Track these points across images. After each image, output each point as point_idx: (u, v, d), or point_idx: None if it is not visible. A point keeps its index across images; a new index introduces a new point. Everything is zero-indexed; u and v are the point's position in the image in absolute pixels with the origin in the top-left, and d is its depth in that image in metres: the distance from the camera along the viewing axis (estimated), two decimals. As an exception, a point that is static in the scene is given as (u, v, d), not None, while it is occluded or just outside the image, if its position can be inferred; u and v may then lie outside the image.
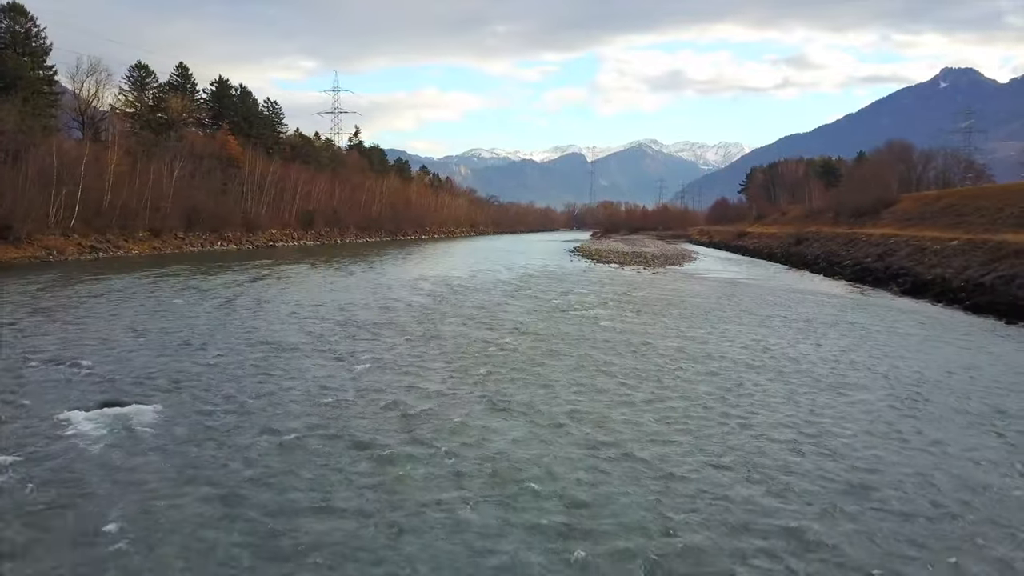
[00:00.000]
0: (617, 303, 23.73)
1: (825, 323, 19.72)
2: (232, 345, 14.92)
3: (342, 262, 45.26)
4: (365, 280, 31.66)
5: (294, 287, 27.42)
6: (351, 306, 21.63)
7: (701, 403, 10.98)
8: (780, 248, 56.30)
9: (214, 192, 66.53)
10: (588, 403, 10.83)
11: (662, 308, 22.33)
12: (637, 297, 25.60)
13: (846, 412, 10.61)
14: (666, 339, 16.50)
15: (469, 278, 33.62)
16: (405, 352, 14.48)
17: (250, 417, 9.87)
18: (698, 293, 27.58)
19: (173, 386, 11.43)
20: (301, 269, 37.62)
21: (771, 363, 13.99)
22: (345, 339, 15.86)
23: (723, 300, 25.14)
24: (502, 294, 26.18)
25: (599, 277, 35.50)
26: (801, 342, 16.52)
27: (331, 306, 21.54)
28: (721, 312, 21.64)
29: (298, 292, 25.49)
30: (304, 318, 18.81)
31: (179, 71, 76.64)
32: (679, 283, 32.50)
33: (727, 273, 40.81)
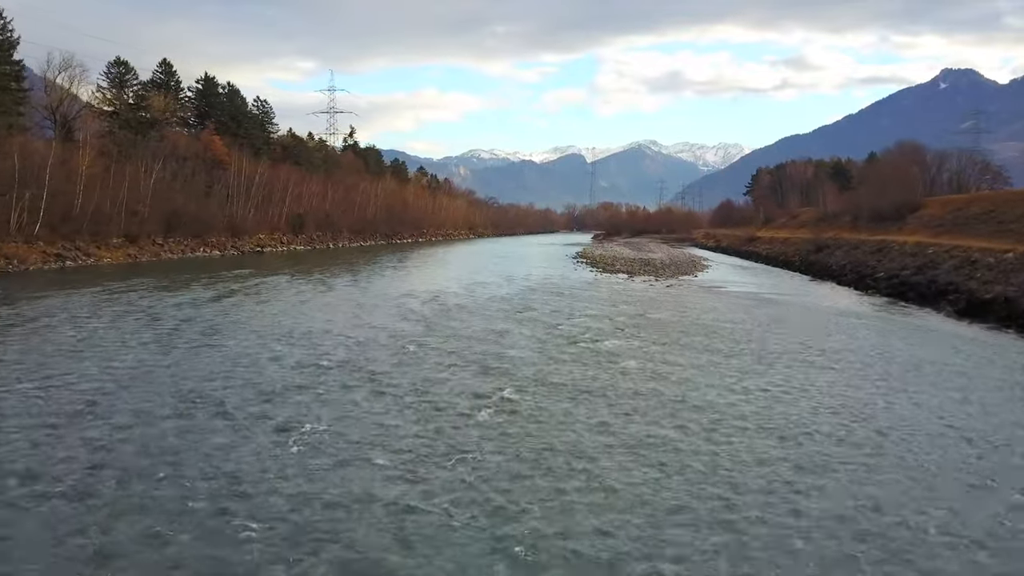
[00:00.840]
0: (635, 329, 20.20)
1: (904, 363, 16.09)
2: (144, 409, 11.34)
3: (326, 272, 41.73)
4: (346, 298, 28.12)
5: (260, 309, 23.88)
6: (318, 338, 18.09)
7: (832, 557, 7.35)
8: (798, 256, 52.78)
9: (197, 195, 63.04)
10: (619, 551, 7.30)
11: (691, 338, 18.78)
12: (657, 321, 22.07)
13: None
14: (711, 391, 12.95)
15: (465, 294, 30.10)
16: (368, 421, 10.92)
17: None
18: (727, 314, 24.04)
19: (27, 495, 7.90)
20: (278, 282, 34.09)
21: (891, 448, 10.00)
22: (294, 396, 12.29)
23: (762, 326, 21.59)
24: (501, 317, 22.66)
25: (608, 292, 31.97)
26: (897, 398, 12.88)
27: (294, 338, 18.00)
28: (767, 344, 18.07)
29: (262, 317, 21.95)
30: (254, 359, 15.25)
31: (163, 68, 73.07)
32: (700, 299, 28.96)
33: (747, 285, 37.28)
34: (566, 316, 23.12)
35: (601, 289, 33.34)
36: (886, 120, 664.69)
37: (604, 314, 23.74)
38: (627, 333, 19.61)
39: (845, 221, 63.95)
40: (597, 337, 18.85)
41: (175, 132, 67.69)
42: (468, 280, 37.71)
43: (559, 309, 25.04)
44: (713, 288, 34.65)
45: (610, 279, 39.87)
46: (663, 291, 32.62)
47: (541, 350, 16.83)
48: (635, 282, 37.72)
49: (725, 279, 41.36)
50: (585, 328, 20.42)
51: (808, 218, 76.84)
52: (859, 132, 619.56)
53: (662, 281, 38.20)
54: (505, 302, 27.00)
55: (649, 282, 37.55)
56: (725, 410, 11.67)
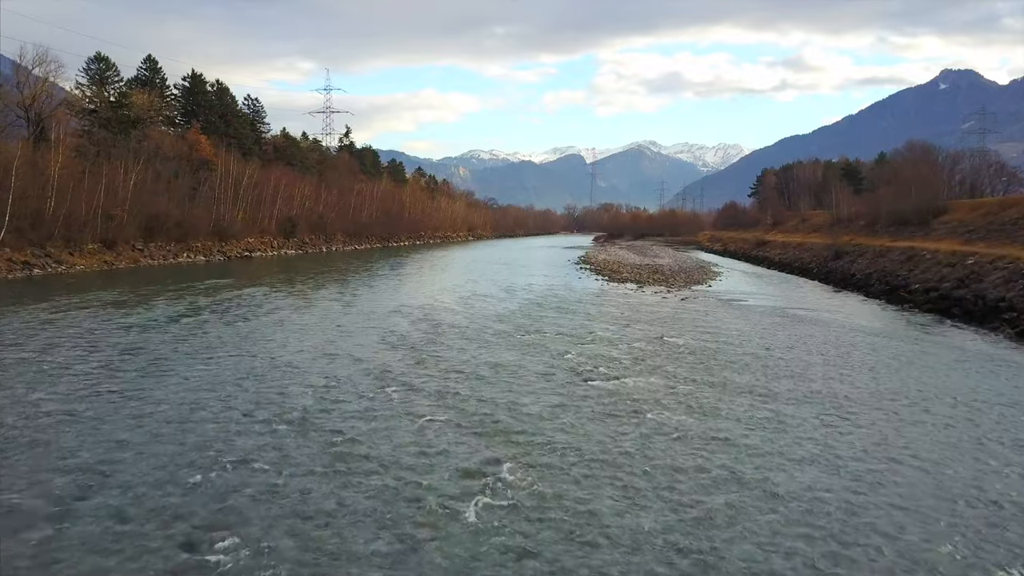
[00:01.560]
0: (657, 360, 17.20)
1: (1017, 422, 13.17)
2: (35, 479, 8.32)
3: (312, 282, 38.70)
4: (326, 316, 25.08)
5: (222, 335, 20.85)
6: (281, 379, 15.07)
7: None
8: (815, 262, 49.76)
9: (181, 197, 59.97)
10: None
11: (727, 374, 15.76)
12: (680, 348, 19.04)
13: None
14: (788, 467, 9.90)
15: (461, 310, 27.09)
16: (315, 533, 7.89)
17: None
18: (759, 338, 21.01)
19: None
20: (255, 296, 31.04)
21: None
22: (218, 485, 9.25)
23: (807, 354, 18.55)
24: (502, 343, 19.64)
25: (619, 306, 28.95)
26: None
27: (250, 380, 14.98)
28: (828, 385, 15.03)
29: (221, 346, 18.91)
30: (185, 419, 12.15)
31: (147, 65, 70.12)
32: (721, 316, 25.94)
33: (768, 297, 34.24)
34: (575, 340, 20.09)
35: (610, 302, 30.32)
36: (886, 121, 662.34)
37: (617, 337, 20.71)
38: (648, 366, 16.59)
39: (861, 225, 60.96)
40: (614, 372, 15.83)
41: (159, 131, 64.63)
42: (465, 291, 34.69)
43: (566, 330, 22.02)
44: (732, 301, 31.62)
45: (618, 289, 36.86)
46: (678, 305, 29.59)
47: (548, 394, 13.81)
48: (646, 293, 34.70)
49: (741, 289, 38.34)
50: (598, 359, 17.40)
51: (820, 221, 73.85)
52: (859, 133, 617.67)
53: (675, 292, 35.17)
54: (505, 321, 23.97)
55: (661, 293, 34.53)
56: (816, 505, 8.61)
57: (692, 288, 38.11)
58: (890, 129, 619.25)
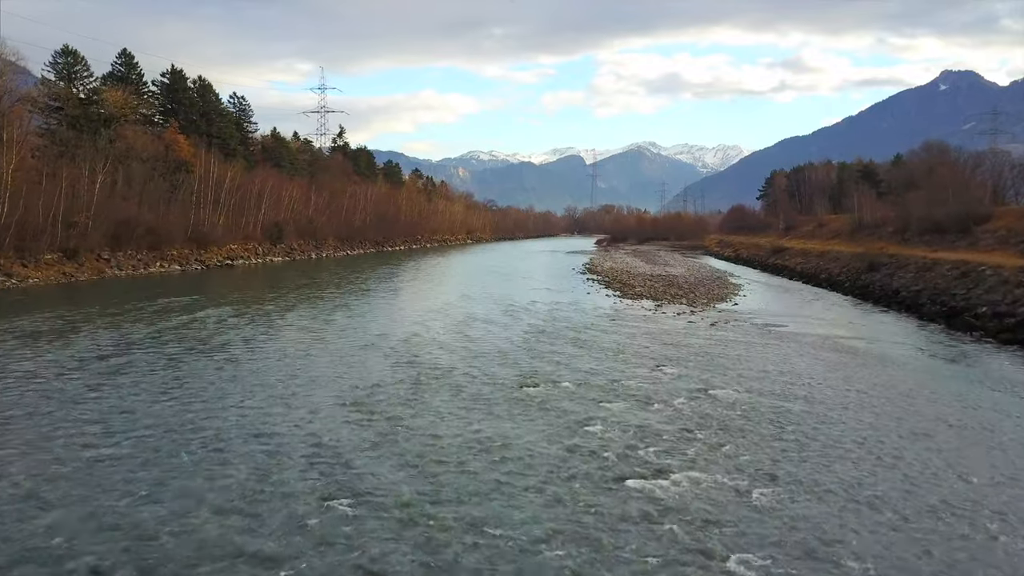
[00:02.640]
0: (712, 432, 12.77)
1: None
2: None
3: (285, 300, 34.22)
4: (283, 355, 20.61)
5: (137, 386, 16.41)
6: (177, 487, 10.63)
7: None
8: (846, 274, 45.30)
9: (154, 202, 55.54)
10: None
11: (823, 466, 11.30)
12: (738, 410, 14.59)
13: None
14: None
15: (451, 341, 22.65)
16: None
17: None
18: (834, 391, 16.57)
19: None
20: (210, 321, 26.58)
21: None
22: None
23: (926, 431, 14.12)
24: (500, 397, 15.22)
25: (640, 335, 24.50)
26: None
27: (155, 461, 10.55)
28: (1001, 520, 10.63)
29: (142, 407, 14.48)
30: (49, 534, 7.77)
31: (122, 59, 65.67)
32: (770, 355, 21.47)
33: (809, 321, 29.70)
34: (595, 396, 15.66)
35: (629, 329, 25.86)
36: (887, 122, 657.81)
37: (650, 389, 16.27)
38: (703, 446, 12.14)
39: (888, 232, 56.54)
40: (657, 460, 11.40)
41: (134, 131, 60.14)
42: (459, 313, 30.25)
43: (582, 376, 17.58)
44: (770, 328, 27.16)
45: (634, 308, 32.41)
46: (709, 334, 25.14)
47: (567, 511, 9.36)
48: (667, 314, 30.24)
49: (773, 309, 33.89)
50: (631, 432, 12.95)
51: (839, 227, 69.40)
52: (860, 134, 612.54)
53: (699, 314, 30.71)
54: (506, 361, 19.52)
55: (684, 315, 30.07)
56: None
57: (717, 307, 33.67)
58: (891, 130, 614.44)
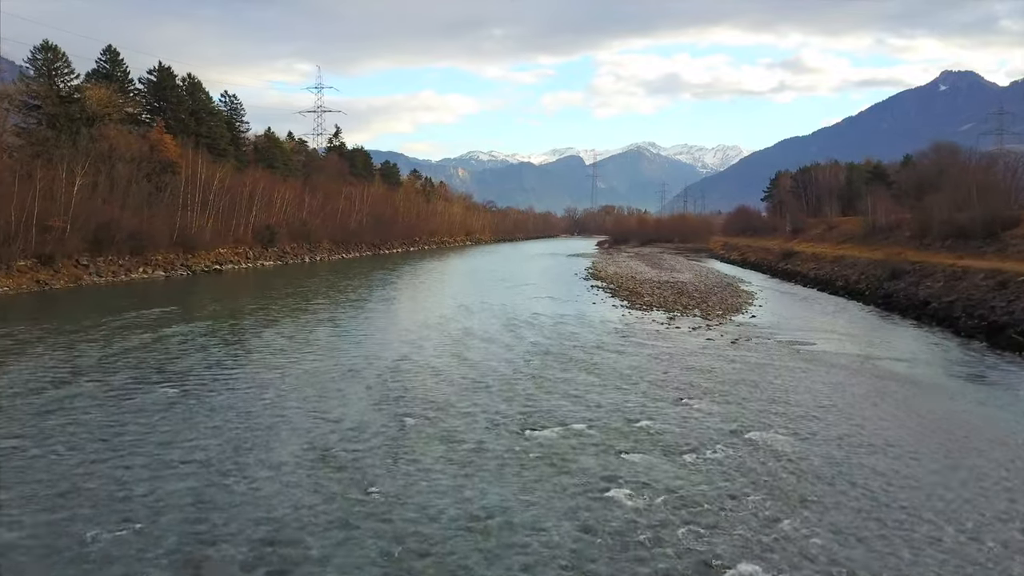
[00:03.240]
0: (755, 492, 10.31)
1: None
2: None
3: (267, 312, 31.71)
4: (252, 382, 18.15)
5: (79, 432, 13.97)
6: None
7: None
8: (865, 282, 42.84)
9: (137, 204, 53.06)
10: None
11: (906, 550, 8.85)
12: (782, 461, 12.14)
13: None
14: None
15: (444, 365, 20.19)
16: None
17: None
18: (897, 437, 14.11)
19: None
20: (178, 338, 24.11)
21: None
22: None
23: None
24: (495, 451, 12.78)
25: (655, 358, 22.05)
26: None
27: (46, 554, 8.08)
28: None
29: (60, 468, 12.03)
30: None
31: (107, 55, 63.21)
32: (803, 381, 19.01)
33: (837, 338, 27.19)
34: (612, 440, 13.20)
35: (642, 349, 23.40)
36: (887, 123, 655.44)
37: (676, 433, 13.81)
38: (754, 520, 9.67)
39: (906, 237, 54.07)
40: (698, 541, 8.94)
41: (117, 130, 57.63)
42: (456, 328, 27.80)
43: (594, 413, 15.13)
44: (796, 346, 24.70)
45: (645, 322, 29.95)
46: (731, 355, 22.68)
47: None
48: (682, 329, 27.76)
49: (794, 323, 31.42)
50: (661, 498, 10.48)
51: (851, 230, 66.85)
52: (860, 134, 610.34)
53: (716, 328, 28.24)
54: (507, 392, 17.05)
55: (700, 330, 27.60)
56: None
57: (733, 320, 31.21)
58: (891, 130, 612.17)
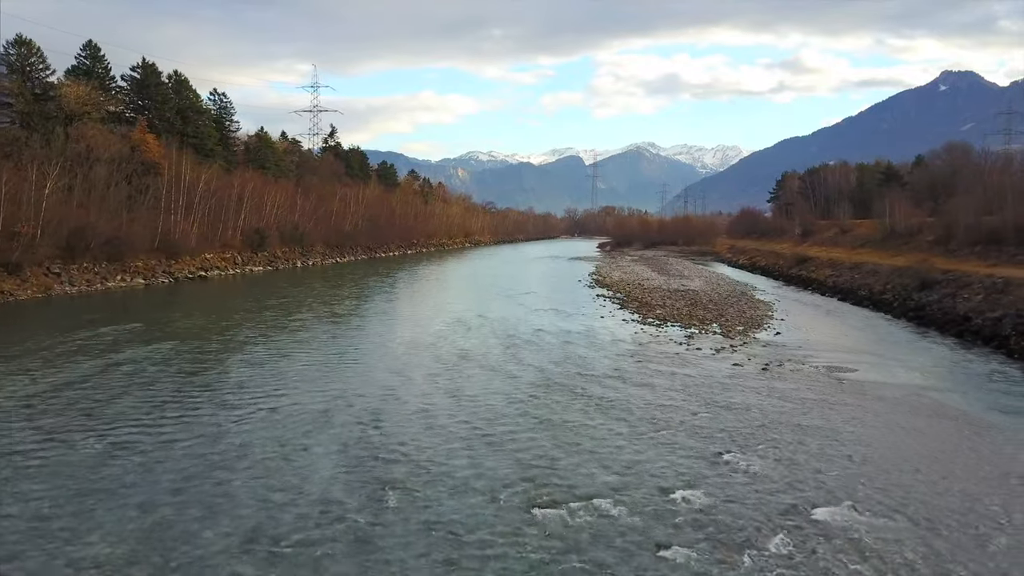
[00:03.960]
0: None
1: None
2: None
3: (242, 330, 28.74)
4: (204, 435, 15.24)
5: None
6: None
7: None
8: (891, 292, 39.93)
9: (116, 208, 50.15)
10: None
11: None
12: (876, 558, 9.26)
13: None
14: None
15: (435, 404, 17.29)
16: None
17: None
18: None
19: None
20: (131, 366, 21.21)
21: None
22: None
23: None
24: (493, 535, 9.87)
25: (677, 389, 19.16)
26: None
27: None
28: None
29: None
30: None
31: (87, 51, 60.29)
32: (867, 427, 16.12)
33: (880, 361, 24.25)
34: (640, 521, 10.31)
35: (662, 379, 20.50)
36: (887, 123, 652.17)
37: (721, 510, 10.93)
38: None
39: (928, 242, 51.22)
40: None
41: (98, 129, 54.72)
42: (450, 349, 24.90)
43: (615, 477, 12.23)
44: (837, 374, 21.80)
45: (660, 340, 27.04)
46: (765, 386, 19.79)
47: None
48: (702, 350, 24.85)
49: (825, 341, 28.52)
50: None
51: (867, 234, 63.97)
52: (860, 134, 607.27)
53: (741, 349, 25.34)
54: (507, 443, 14.15)
55: (724, 351, 24.70)
56: None
57: (757, 338, 28.32)
58: (891, 131, 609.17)
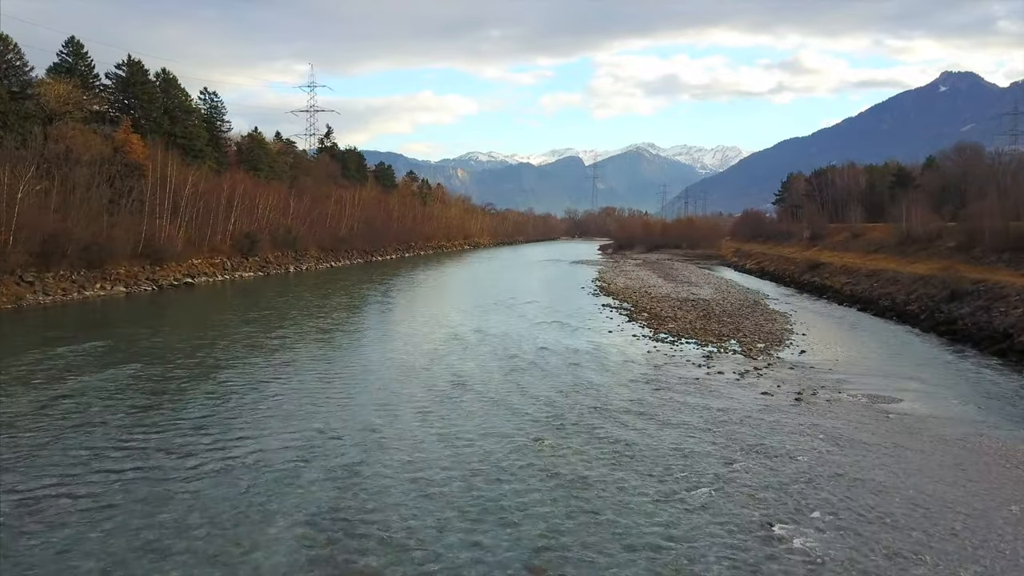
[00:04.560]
0: None
1: None
2: None
3: (215, 350, 26.19)
4: (144, 499, 12.75)
5: None
6: None
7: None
8: (917, 303, 37.51)
9: (96, 212, 47.63)
10: None
11: None
12: None
13: None
14: None
15: (425, 449, 14.82)
16: None
17: None
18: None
19: None
20: (76, 400, 18.74)
21: None
22: None
23: None
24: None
25: (704, 429, 16.72)
26: None
27: None
28: None
29: None
30: None
31: (69, 48, 57.81)
32: (936, 483, 13.69)
33: (924, 388, 21.79)
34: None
35: (684, 415, 18.06)
36: (886, 124, 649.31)
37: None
38: None
39: (949, 248, 48.78)
40: None
41: (80, 130, 52.20)
42: (444, 374, 22.44)
43: (646, 564, 9.79)
44: (881, 404, 19.37)
45: (676, 361, 24.58)
46: (803, 423, 17.35)
47: None
48: (725, 375, 22.39)
49: (854, 360, 26.07)
50: None
51: (881, 239, 61.44)
52: (859, 135, 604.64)
53: (768, 372, 22.90)
54: (513, 517, 11.69)
55: (748, 377, 22.24)
56: None
57: (780, 357, 25.90)
58: (891, 131, 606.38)
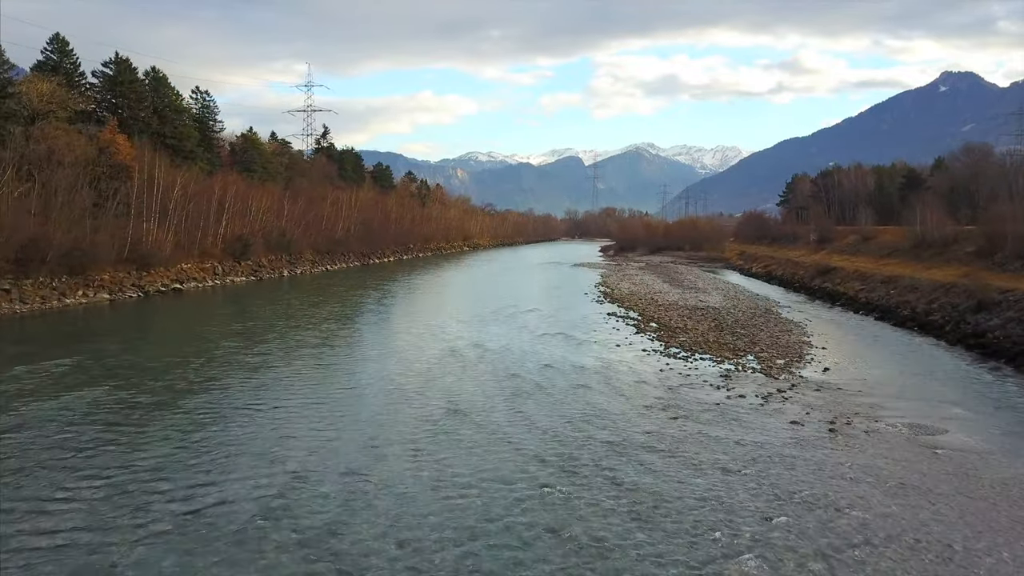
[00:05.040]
0: None
1: None
2: None
3: (189, 371, 24.20)
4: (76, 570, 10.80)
5: None
6: None
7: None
8: (940, 312, 35.56)
9: (78, 215, 45.66)
10: None
11: None
12: None
13: None
14: None
15: (413, 503, 12.88)
16: None
17: None
18: None
19: None
20: (13, 438, 16.81)
21: None
22: None
23: None
24: None
25: (736, 471, 14.79)
26: None
27: None
28: None
29: None
30: None
31: (54, 46, 55.85)
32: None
33: (968, 415, 19.83)
34: None
35: (707, 450, 16.13)
36: (886, 124, 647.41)
37: None
38: None
39: (967, 253, 46.85)
40: None
41: (64, 129, 50.25)
42: (438, 400, 20.50)
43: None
44: (928, 438, 17.44)
45: (691, 382, 22.65)
46: (844, 463, 15.44)
47: None
48: (747, 398, 20.46)
49: (889, 386, 24.11)
50: None
51: (894, 242, 59.49)
52: (859, 135, 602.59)
53: (792, 395, 20.97)
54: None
55: (773, 400, 20.31)
56: None
57: (803, 375, 23.97)
58: (891, 131, 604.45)
